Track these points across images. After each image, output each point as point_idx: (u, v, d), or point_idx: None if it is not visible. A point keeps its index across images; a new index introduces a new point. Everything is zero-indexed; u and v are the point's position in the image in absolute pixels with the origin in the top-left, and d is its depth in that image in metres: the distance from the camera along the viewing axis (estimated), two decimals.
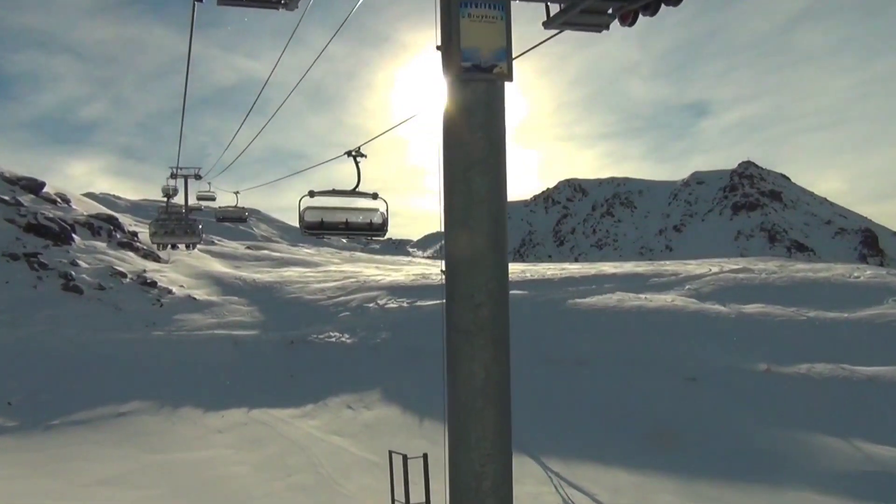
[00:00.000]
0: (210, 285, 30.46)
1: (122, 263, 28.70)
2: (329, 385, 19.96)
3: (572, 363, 20.01)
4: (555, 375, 19.44)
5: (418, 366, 21.18)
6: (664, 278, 30.73)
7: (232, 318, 26.06)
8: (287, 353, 22.69)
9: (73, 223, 30.04)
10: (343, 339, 23.60)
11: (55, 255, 26.50)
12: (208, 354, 22.09)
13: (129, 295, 25.81)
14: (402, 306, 26.82)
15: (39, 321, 22.01)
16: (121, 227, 33.24)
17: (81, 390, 18.29)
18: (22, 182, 31.68)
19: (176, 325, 24.23)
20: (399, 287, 30.22)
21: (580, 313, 23.89)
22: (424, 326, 24.27)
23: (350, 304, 27.85)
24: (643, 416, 16.84)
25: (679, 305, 24.08)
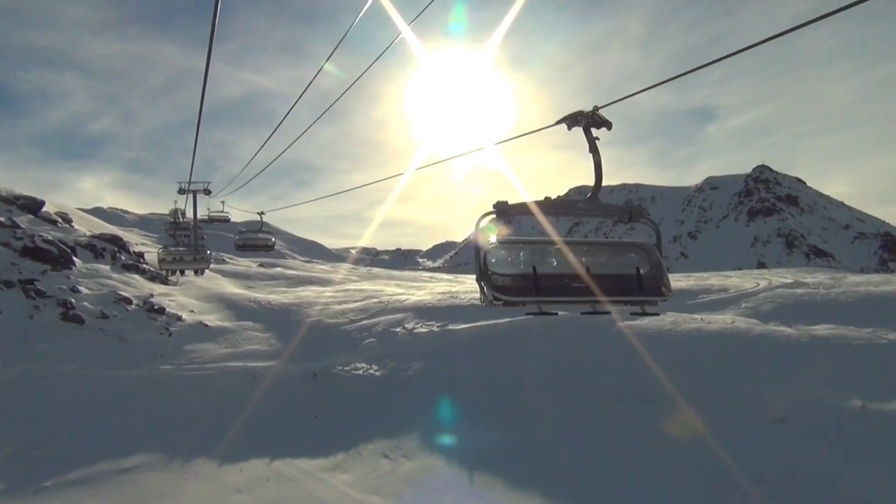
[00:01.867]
0: (222, 309, 28.16)
1: (127, 288, 26.43)
2: (360, 428, 17.59)
3: (633, 401, 17.59)
4: (614, 416, 17.04)
5: (458, 403, 18.85)
6: (713, 294, 28.32)
7: (247, 346, 23.77)
8: (310, 389, 20.34)
9: (75, 245, 27.78)
10: (371, 371, 21.24)
11: (54, 280, 24.24)
12: (223, 391, 19.78)
13: (135, 324, 23.53)
14: (432, 331, 24.49)
15: (34, 357, 19.71)
16: (125, 248, 30.96)
17: (80, 442, 15.96)
18: (20, 201, 29.45)
19: (186, 358, 21.93)
20: (426, 308, 27.92)
21: (637, 338, 21.44)
22: (458, 355, 21.98)
23: (375, 328, 25.53)
24: (726, 464, 14.43)
25: (742, 328, 21.61)
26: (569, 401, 18.05)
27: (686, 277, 40.97)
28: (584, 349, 21.09)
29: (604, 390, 18.36)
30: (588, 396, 18.13)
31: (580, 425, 16.78)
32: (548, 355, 20.95)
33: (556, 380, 19.34)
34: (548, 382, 19.21)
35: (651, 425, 16.30)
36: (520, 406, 18.16)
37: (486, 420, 17.72)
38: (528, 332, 23.10)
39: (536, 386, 19.17)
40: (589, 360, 20.15)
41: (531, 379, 19.63)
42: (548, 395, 18.57)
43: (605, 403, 17.68)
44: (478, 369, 20.70)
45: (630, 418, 16.77)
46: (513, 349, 21.76)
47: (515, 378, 19.83)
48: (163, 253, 19.21)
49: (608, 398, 17.81)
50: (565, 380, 19.28)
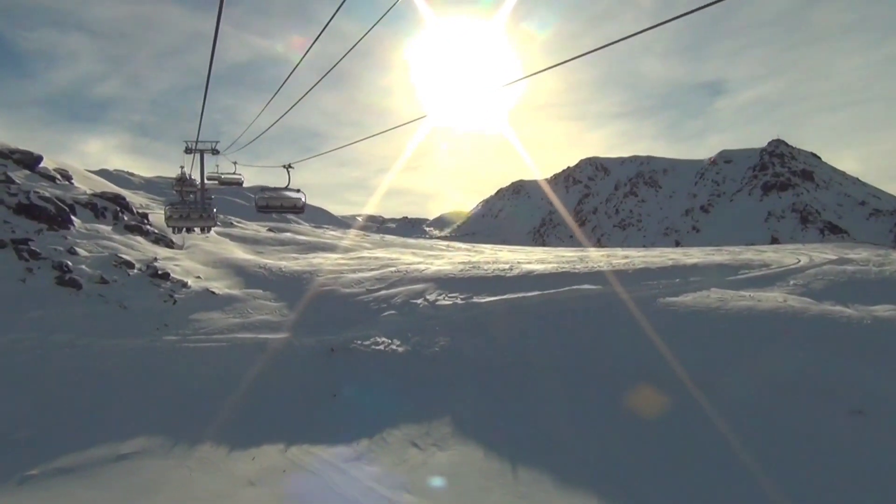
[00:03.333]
0: (231, 276, 26.37)
1: (130, 251, 24.58)
2: (384, 411, 15.84)
3: (691, 386, 15.77)
4: (671, 403, 15.23)
5: (491, 385, 17.07)
6: (755, 270, 26.36)
7: (257, 316, 21.98)
8: (327, 364, 18.59)
9: (73, 203, 25.85)
10: (393, 346, 19.46)
11: (49, 241, 22.38)
12: (231, 365, 18.02)
13: (137, 289, 21.72)
14: (456, 303, 22.66)
15: (26, 325, 17.94)
16: (129, 208, 29.02)
17: (72, 422, 14.24)
18: (15, 155, 27.45)
19: (192, 327, 20.16)
20: (448, 279, 26.07)
21: (680, 317, 19.57)
22: (487, 330, 20.16)
23: (394, 300, 23.71)
24: (801, 460, 12.67)
25: (796, 307, 19.67)
26: (613, 385, 16.25)
27: (717, 251, 38.99)
28: (622, 326, 19.29)
29: (654, 372, 16.55)
30: (636, 379, 16.33)
31: (630, 414, 15.02)
32: (586, 333, 19.13)
33: (595, 360, 17.53)
34: (589, 364, 17.39)
35: (712, 411, 14.53)
36: (558, 391, 16.39)
37: (524, 404, 15.96)
38: (560, 306, 21.28)
39: (576, 368, 17.36)
40: (631, 339, 18.32)
41: (569, 360, 17.81)
42: (589, 379, 16.76)
43: (657, 388, 15.89)
44: (509, 347, 18.90)
45: (690, 406, 14.98)
46: (545, 325, 19.93)
47: (550, 358, 18.02)
48: (169, 210, 19.19)
49: (660, 382, 16.00)
50: (603, 359, 17.48)
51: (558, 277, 25.05)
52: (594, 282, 24.00)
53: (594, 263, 28.79)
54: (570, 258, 33.03)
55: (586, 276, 24.94)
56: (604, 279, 24.40)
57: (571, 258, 32.96)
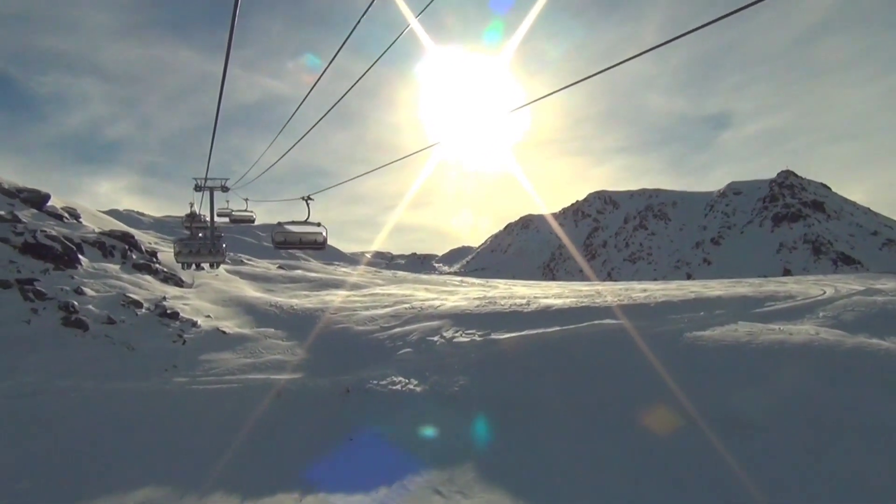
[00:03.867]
0: (241, 314, 25.71)
1: (138, 290, 23.98)
2: (403, 455, 15.01)
3: (735, 426, 14.89)
4: (708, 447, 14.34)
5: (514, 426, 16.21)
6: (780, 302, 25.47)
7: (269, 356, 21.25)
8: (342, 406, 17.79)
9: (81, 242, 25.34)
10: (410, 385, 18.66)
11: (56, 280, 21.82)
12: (243, 408, 17.24)
13: (145, 330, 21.06)
14: (473, 340, 21.89)
15: (29, 368, 17.26)
16: (137, 247, 28.51)
17: (77, 471, 13.46)
18: (23, 194, 27.06)
19: (202, 368, 19.45)
20: (464, 315, 25.33)
21: (710, 352, 18.70)
22: (508, 368, 19.36)
23: (410, 337, 22.96)
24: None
25: (830, 340, 18.78)
26: (643, 426, 15.38)
27: (737, 283, 38.16)
28: (649, 362, 18.44)
29: (685, 411, 15.67)
30: (662, 422, 15.46)
31: (666, 459, 14.13)
32: (611, 371, 18.30)
33: (622, 399, 16.68)
34: (615, 403, 16.54)
35: (755, 456, 13.65)
36: (587, 433, 15.54)
37: (551, 448, 15.12)
38: (581, 342, 20.48)
39: (603, 408, 16.50)
40: (658, 377, 17.47)
41: (595, 399, 16.95)
42: (617, 418, 15.91)
43: (688, 428, 15.01)
44: (531, 385, 18.08)
45: (740, 445, 14.09)
46: (568, 363, 19.11)
47: (576, 398, 17.18)
48: (178, 245, 19.19)
49: (692, 420, 15.12)
50: (631, 398, 16.62)
51: (577, 312, 24.28)
52: (615, 316, 23.21)
53: (613, 297, 28.02)
54: (588, 292, 32.27)
55: (606, 311, 24.17)
56: (625, 314, 23.60)
57: (589, 292, 32.20)
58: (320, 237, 15.51)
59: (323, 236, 15.61)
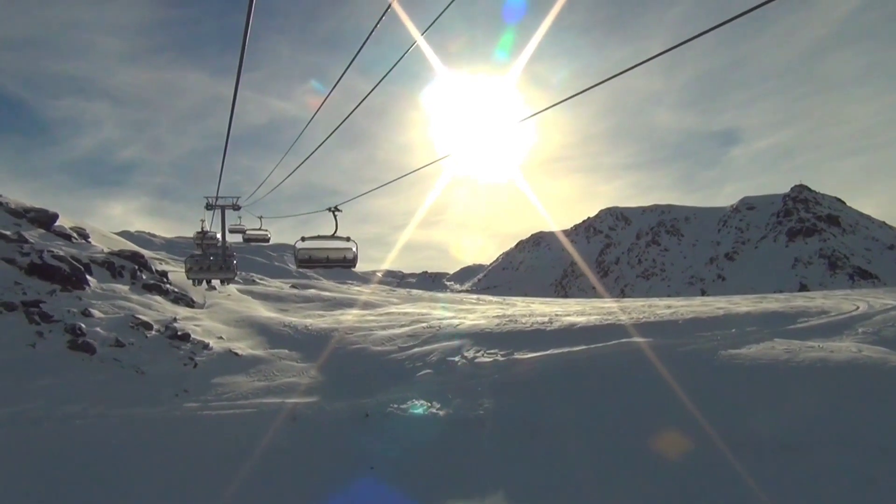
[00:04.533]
0: (254, 335, 24.88)
1: (148, 311, 23.19)
2: (429, 486, 14.05)
3: (776, 449, 13.88)
4: (762, 467, 13.35)
5: (543, 452, 15.22)
6: (813, 318, 24.44)
7: (284, 378, 20.39)
8: (362, 432, 16.84)
9: (89, 262, 24.60)
10: (433, 409, 17.72)
11: (63, 303, 21.06)
12: (257, 434, 16.31)
13: (155, 353, 20.25)
14: (496, 360, 20.97)
15: (34, 394, 16.45)
16: (147, 267, 27.75)
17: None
18: (30, 214, 26.40)
19: (214, 392, 18.59)
20: (485, 334, 24.41)
21: (747, 372, 17.72)
22: (534, 390, 18.42)
23: (429, 357, 22.06)
24: None
25: (875, 358, 17.84)
26: (683, 450, 14.38)
27: (763, 298, 37.07)
28: (684, 382, 17.45)
29: (726, 434, 14.66)
30: (705, 448, 14.44)
31: (726, 475, 13.11)
32: (643, 391, 17.32)
33: (655, 419, 15.68)
34: (648, 423, 15.54)
35: (802, 476, 12.65)
36: (622, 458, 14.54)
37: (582, 474, 14.15)
38: (610, 361, 19.53)
39: (636, 429, 15.49)
40: (695, 398, 16.46)
41: (628, 421, 15.96)
42: (651, 440, 14.90)
43: (743, 450, 14.00)
44: (560, 408, 17.10)
45: (781, 469, 13.08)
46: (598, 383, 18.15)
47: (608, 421, 16.20)
48: (190, 262, 19.13)
49: (744, 443, 14.11)
50: (664, 419, 15.63)
51: (602, 330, 23.32)
52: (643, 334, 22.26)
53: (637, 314, 27.03)
54: (610, 309, 31.30)
55: (632, 329, 23.20)
56: (653, 331, 22.64)
57: (611, 309, 31.24)
58: (350, 253, 13.03)
59: (353, 252, 13.19)
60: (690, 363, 18.82)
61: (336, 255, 13.78)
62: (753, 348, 19.52)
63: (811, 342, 20.09)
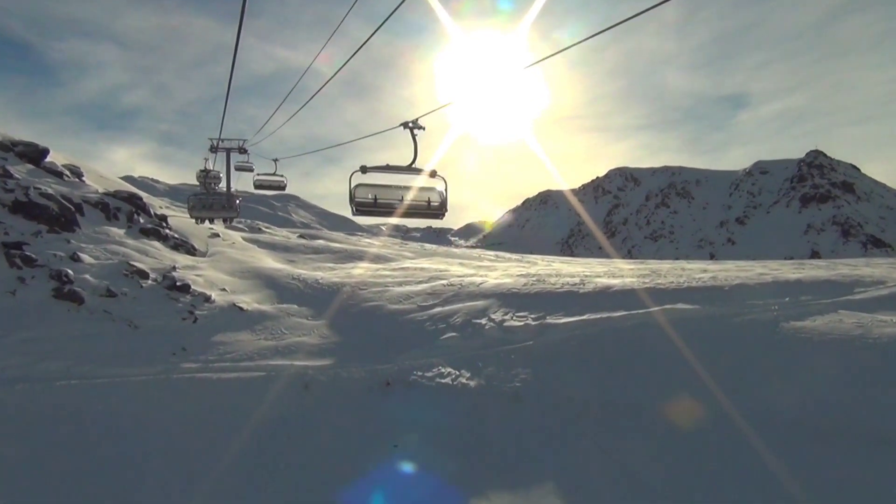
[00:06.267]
0: (260, 288, 22.79)
1: (144, 258, 21.06)
2: (462, 471, 12.07)
3: (868, 441, 11.83)
4: (848, 462, 11.33)
5: (596, 433, 13.21)
6: (872, 289, 22.16)
7: (293, 337, 18.37)
8: (383, 403, 14.83)
9: (81, 202, 22.37)
10: (462, 379, 15.66)
11: (49, 245, 18.92)
12: (264, 402, 14.32)
13: (151, 304, 18.18)
14: (528, 324, 18.87)
15: (11, 349, 14.40)
16: (145, 210, 25.47)
17: (61, 482, 10.61)
18: (18, 148, 24.04)
19: (216, 352, 16.56)
20: (511, 295, 22.28)
21: (817, 347, 15.52)
22: (575, 360, 16.33)
23: (453, 319, 19.98)
24: None
25: None
26: (775, 432, 12.35)
27: (800, 266, 34.87)
28: (750, 355, 15.40)
29: (807, 421, 12.64)
30: (794, 429, 12.42)
31: (807, 470, 11.10)
32: (702, 363, 15.23)
33: (726, 396, 13.65)
34: (720, 401, 13.50)
35: None
36: (688, 437, 12.54)
37: (643, 459, 12.17)
38: (658, 330, 17.37)
39: (709, 412, 13.47)
40: (764, 374, 14.43)
41: (686, 396, 13.93)
42: (727, 424, 12.88)
43: (821, 442, 11.97)
44: (607, 381, 15.04)
45: (874, 465, 11.05)
46: (646, 354, 16.05)
47: (664, 396, 14.16)
48: (192, 200, 18.71)
49: (824, 434, 12.06)
50: (741, 398, 13.59)
51: (642, 294, 21.16)
52: (688, 300, 20.10)
53: (674, 278, 24.82)
54: (642, 271, 29.10)
55: (675, 294, 21.05)
56: (698, 297, 20.47)
57: (643, 271, 29.04)
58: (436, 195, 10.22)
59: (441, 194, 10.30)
60: (751, 336, 16.67)
61: (416, 198, 10.29)
62: (818, 320, 17.34)
63: (881, 315, 17.91)
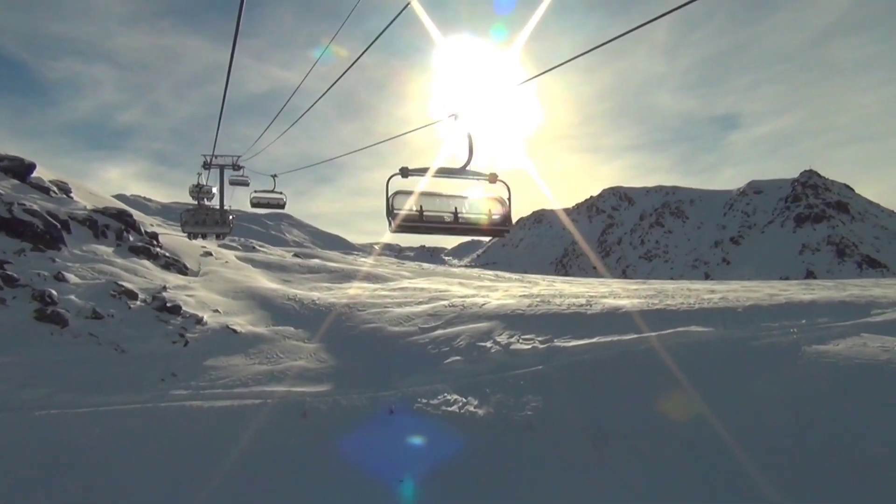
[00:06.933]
0: (255, 308, 21.87)
1: (133, 277, 20.11)
2: None
3: None
4: None
5: (617, 467, 12.37)
6: (890, 311, 21.41)
7: (289, 361, 17.45)
8: (385, 432, 13.88)
9: (68, 219, 21.43)
10: (470, 407, 14.74)
11: (32, 264, 17.98)
12: (258, 433, 13.36)
13: (139, 327, 17.22)
14: (535, 347, 18.00)
15: None
16: (135, 227, 24.51)
17: None
18: (2, 163, 23.12)
19: (207, 377, 15.62)
20: (516, 316, 21.41)
21: (842, 374, 14.81)
22: (589, 386, 15.47)
23: (456, 342, 19.08)
24: None
25: None
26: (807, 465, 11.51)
27: (808, 286, 34.11)
28: (772, 383, 14.61)
29: (843, 452, 11.85)
30: (825, 462, 11.61)
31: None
32: (724, 390, 14.42)
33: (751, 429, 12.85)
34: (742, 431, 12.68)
35: None
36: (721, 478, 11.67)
37: (671, 492, 11.31)
38: (672, 355, 16.50)
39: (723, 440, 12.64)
40: (791, 401, 13.65)
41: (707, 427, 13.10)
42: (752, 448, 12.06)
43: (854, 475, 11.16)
44: (623, 408, 14.19)
45: None
46: (664, 380, 15.19)
47: (689, 428, 13.33)
48: (185, 215, 19.45)
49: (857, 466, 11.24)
50: (764, 425, 12.79)
51: (652, 316, 20.35)
52: (701, 322, 19.29)
53: (684, 299, 24.00)
54: (648, 291, 28.28)
55: (687, 316, 20.24)
56: (711, 319, 19.66)
57: (649, 291, 28.22)
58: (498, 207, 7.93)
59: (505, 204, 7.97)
60: (772, 360, 15.88)
61: (473, 210, 8.16)
62: (841, 344, 16.61)
63: None
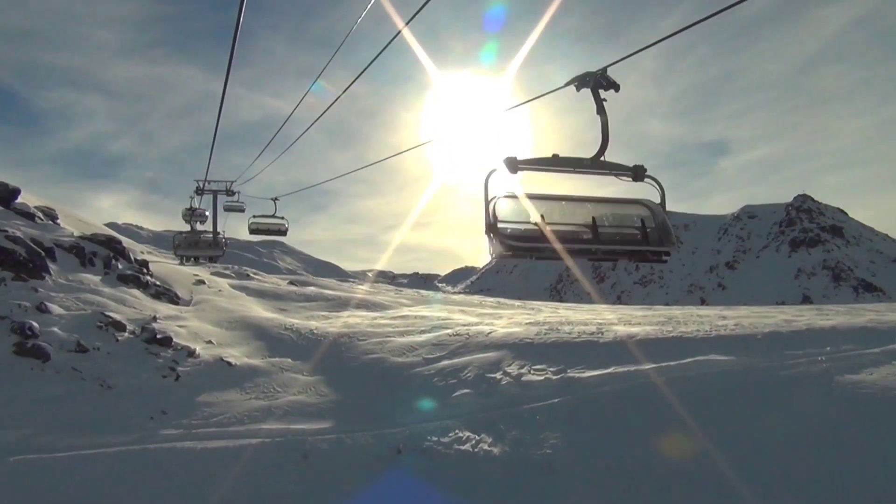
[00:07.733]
0: (250, 339, 20.78)
1: (121, 307, 19.01)
2: None
3: None
4: None
5: None
6: None
7: (287, 396, 16.35)
8: (393, 475, 12.78)
9: (53, 246, 20.35)
10: (484, 445, 13.66)
11: (14, 294, 16.87)
12: (258, 476, 12.27)
13: (127, 361, 16.11)
14: (548, 379, 16.98)
15: None
16: (124, 255, 23.38)
17: None
18: None
19: (200, 414, 14.51)
20: (525, 345, 20.36)
21: (883, 406, 13.86)
22: (613, 422, 14.44)
23: (464, 373, 18.02)
24: None
25: None
26: None
27: (821, 312, 33.20)
28: (805, 417, 13.68)
29: None
30: None
31: None
32: (754, 425, 13.45)
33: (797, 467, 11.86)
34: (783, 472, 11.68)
35: None
36: None
37: None
38: (695, 385, 15.56)
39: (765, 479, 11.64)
40: (834, 433, 12.70)
41: (744, 467, 12.10)
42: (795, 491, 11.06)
43: None
44: (658, 449, 13.16)
45: None
46: (696, 414, 14.18)
47: (731, 468, 12.30)
48: (178, 238, 19.54)
49: None
50: (804, 466, 11.80)
51: (668, 344, 19.41)
52: (721, 350, 18.32)
53: (698, 326, 23.03)
54: (657, 318, 27.31)
55: (705, 344, 19.29)
56: (731, 347, 18.68)
57: (659, 318, 27.25)
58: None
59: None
60: (804, 392, 14.89)
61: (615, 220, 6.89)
62: (875, 373, 15.66)
63: None
